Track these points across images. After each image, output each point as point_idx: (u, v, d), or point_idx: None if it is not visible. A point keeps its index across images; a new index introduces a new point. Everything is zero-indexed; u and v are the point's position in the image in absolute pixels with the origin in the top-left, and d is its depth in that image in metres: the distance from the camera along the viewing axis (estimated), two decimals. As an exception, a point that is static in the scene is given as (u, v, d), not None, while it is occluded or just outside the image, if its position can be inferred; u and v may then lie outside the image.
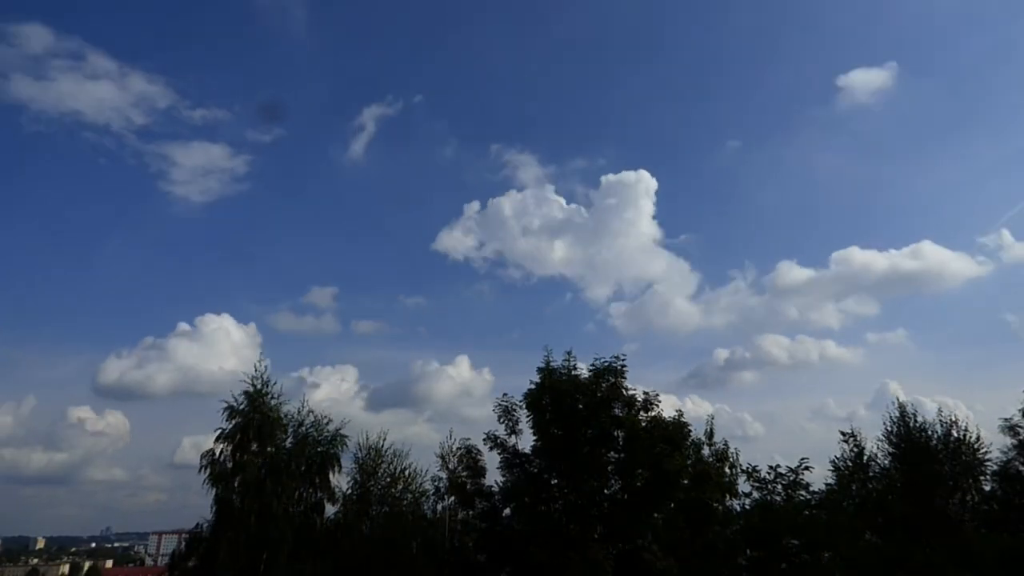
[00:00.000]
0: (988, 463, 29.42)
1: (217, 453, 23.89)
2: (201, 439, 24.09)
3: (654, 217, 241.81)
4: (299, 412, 26.17)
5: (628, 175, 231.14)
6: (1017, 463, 28.24)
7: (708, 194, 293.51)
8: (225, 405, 24.43)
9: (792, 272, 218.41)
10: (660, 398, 21.20)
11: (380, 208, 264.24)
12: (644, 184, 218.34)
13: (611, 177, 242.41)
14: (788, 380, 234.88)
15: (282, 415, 25.24)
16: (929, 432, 29.80)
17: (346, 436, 26.97)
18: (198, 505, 23.72)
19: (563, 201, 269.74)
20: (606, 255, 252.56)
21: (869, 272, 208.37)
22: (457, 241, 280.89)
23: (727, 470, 26.45)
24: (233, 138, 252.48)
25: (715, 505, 20.27)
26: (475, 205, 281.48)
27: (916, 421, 30.15)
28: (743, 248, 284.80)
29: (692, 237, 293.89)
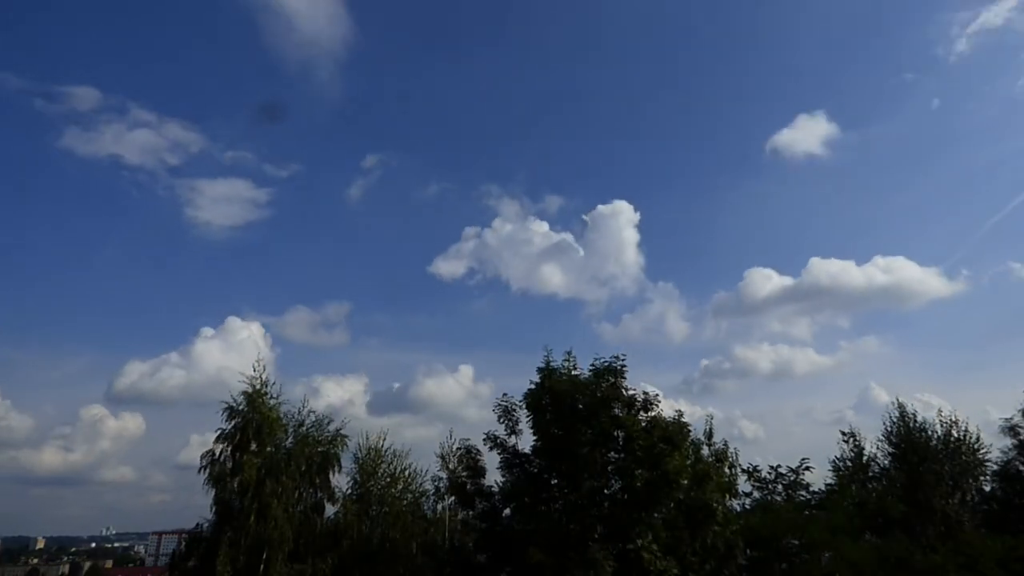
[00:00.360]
0: (988, 463, 29.46)
1: (217, 453, 23.88)
2: (210, 437, 24.19)
3: (639, 244, 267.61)
4: (299, 412, 26.15)
5: (614, 205, 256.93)
6: (1017, 463, 28.27)
7: (676, 226, 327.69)
8: (224, 406, 24.42)
9: (768, 286, 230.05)
10: (660, 398, 21.18)
11: (382, 237, 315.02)
12: (626, 215, 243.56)
13: (598, 209, 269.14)
14: (770, 386, 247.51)
15: (281, 415, 25.21)
16: (929, 432, 29.82)
17: (346, 436, 26.94)
18: (201, 505, 23.78)
19: (546, 227, 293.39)
20: (596, 277, 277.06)
21: (841, 286, 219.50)
22: (455, 265, 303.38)
23: (727, 470, 26.49)
24: (256, 175, 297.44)
25: (715, 505, 20.22)
26: (472, 231, 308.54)
27: (916, 421, 30.20)
28: (720, 269, 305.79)
29: (674, 259, 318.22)
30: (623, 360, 21.02)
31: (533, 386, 21.17)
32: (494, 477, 21.91)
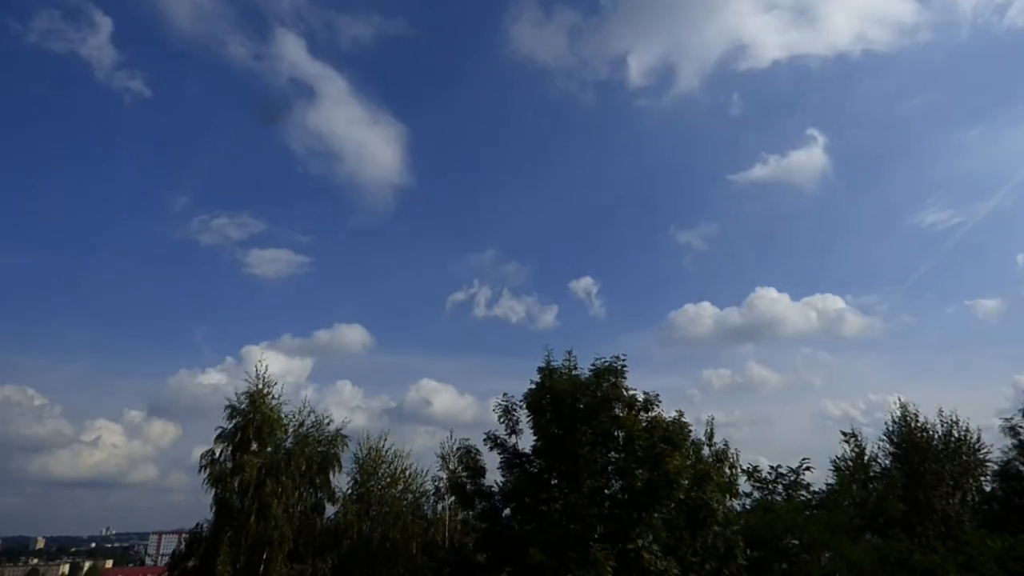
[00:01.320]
0: (988, 463, 29.44)
1: (217, 453, 23.91)
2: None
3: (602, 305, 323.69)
4: (300, 412, 26.19)
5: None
6: (1017, 463, 28.24)
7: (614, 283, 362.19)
8: (227, 404, 24.44)
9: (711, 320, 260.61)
10: (660, 398, 21.16)
11: (397, 289, 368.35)
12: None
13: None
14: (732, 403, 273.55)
15: (282, 415, 25.23)
16: (930, 432, 29.82)
17: (346, 436, 27.00)
18: (204, 504, 23.89)
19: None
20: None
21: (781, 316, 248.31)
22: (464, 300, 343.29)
23: (727, 470, 26.48)
24: (301, 247, 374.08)
25: (715, 505, 20.20)
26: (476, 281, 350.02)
27: (917, 421, 30.19)
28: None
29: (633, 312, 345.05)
30: (623, 360, 21.00)
31: (533, 386, 21.16)
32: (494, 477, 21.92)
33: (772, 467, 26.41)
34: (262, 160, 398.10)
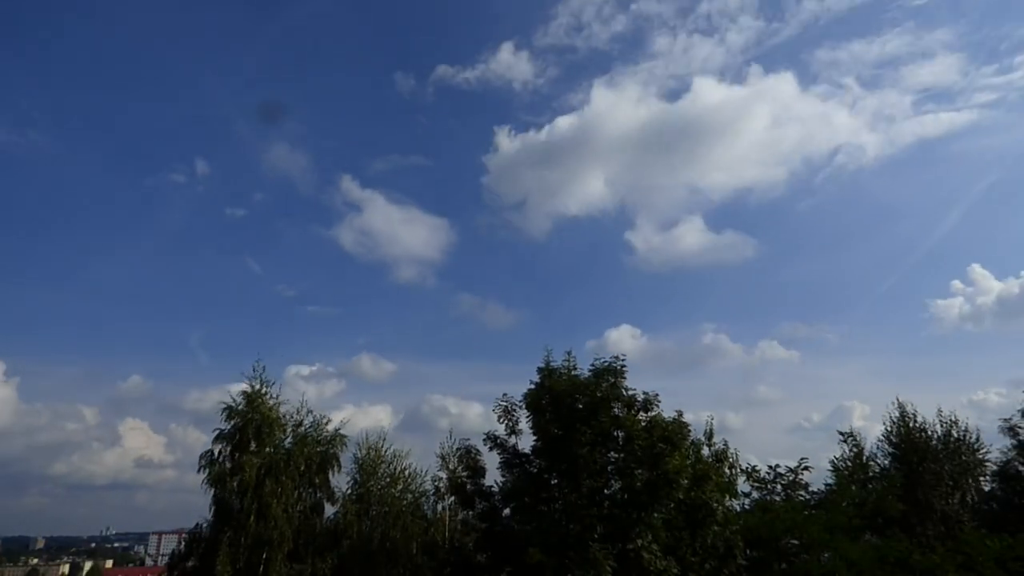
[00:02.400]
0: (988, 463, 29.50)
1: (216, 453, 23.92)
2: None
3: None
4: (298, 412, 26.19)
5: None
6: (1017, 463, 28.30)
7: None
8: (223, 406, 24.44)
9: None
10: (660, 398, 21.16)
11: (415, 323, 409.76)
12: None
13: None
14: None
15: (281, 415, 25.24)
16: (929, 432, 29.88)
17: (345, 436, 27.00)
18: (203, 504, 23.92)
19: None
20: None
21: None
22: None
23: (726, 470, 26.48)
24: (338, 302, 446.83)
25: (715, 505, 20.20)
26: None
27: (915, 421, 30.25)
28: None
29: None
30: (623, 361, 21.00)
31: (533, 386, 21.18)
32: (494, 477, 21.92)
33: (771, 467, 26.45)
34: (320, 252, 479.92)
